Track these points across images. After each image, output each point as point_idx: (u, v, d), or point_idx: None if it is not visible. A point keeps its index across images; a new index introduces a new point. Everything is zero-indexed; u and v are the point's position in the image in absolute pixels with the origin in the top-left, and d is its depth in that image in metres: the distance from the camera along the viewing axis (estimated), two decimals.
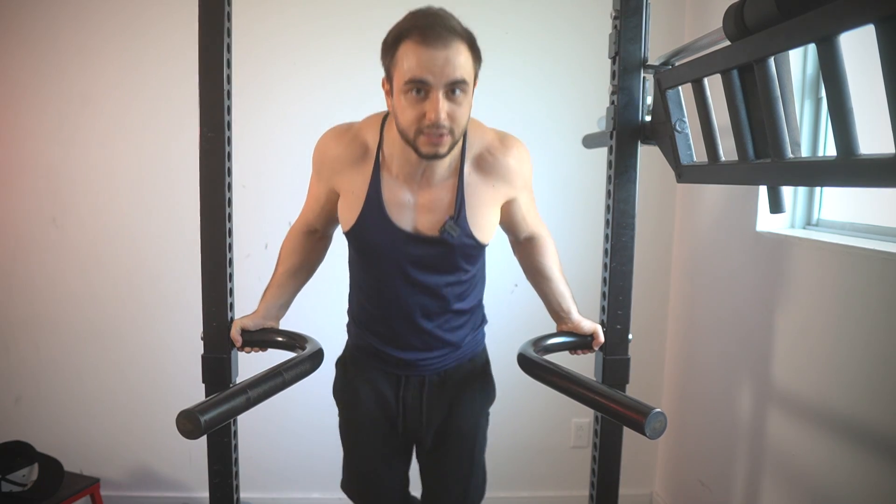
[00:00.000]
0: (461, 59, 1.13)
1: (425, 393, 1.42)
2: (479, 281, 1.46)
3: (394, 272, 1.34)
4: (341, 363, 1.52)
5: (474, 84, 1.21)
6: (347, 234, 1.35)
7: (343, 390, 1.50)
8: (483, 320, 1.52)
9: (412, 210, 1.30)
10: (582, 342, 1.54)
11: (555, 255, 1.51)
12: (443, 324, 1.39)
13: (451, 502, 1.51)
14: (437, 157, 1.19)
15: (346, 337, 1.54)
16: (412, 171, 1.28)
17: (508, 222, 1.43)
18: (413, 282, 1.34)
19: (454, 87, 1.14)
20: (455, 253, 1.32)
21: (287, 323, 1.54)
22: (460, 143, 1.26)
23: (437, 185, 1.29)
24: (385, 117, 1.32)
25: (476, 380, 1.48)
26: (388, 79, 1.20)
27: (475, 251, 1.36)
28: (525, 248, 1.51)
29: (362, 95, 2.39)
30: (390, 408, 1.43)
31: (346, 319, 1.53)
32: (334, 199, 1.38)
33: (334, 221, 1.44)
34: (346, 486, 1.55)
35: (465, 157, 1.30)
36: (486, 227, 1.34)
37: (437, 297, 1.36)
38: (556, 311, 1.54)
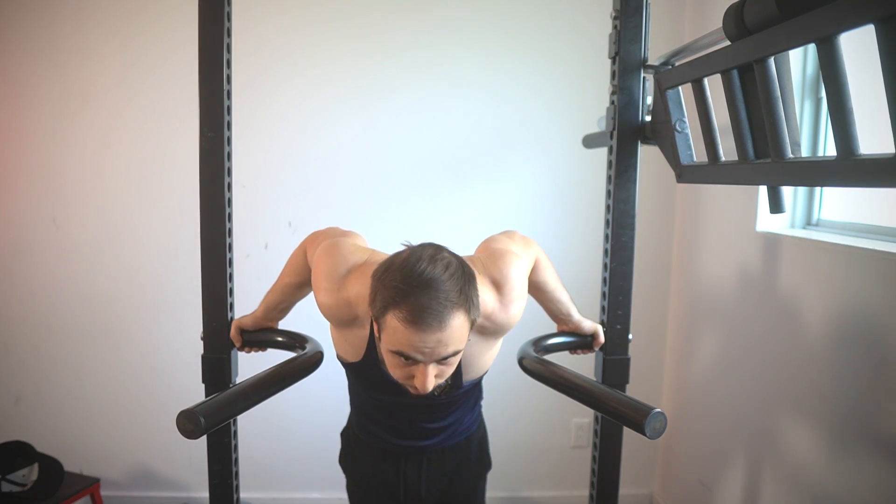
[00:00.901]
0: (456, 334, 1.01)
1: (424, 468, 1.44)
2: (478, 393, 1.47)
3: (390, 412, 1.36)
4: (345, 437, 1.53)
5: (469, 332, 1.07)
6: (341, 363, 1.33)
7: (348, 464, 1.52)
8: (480, 399, 1.51)
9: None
10: (582, 342, 1.54)
11: (549, 267, 1.47)
12: (442, 423, 1.40)
13: None
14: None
15: None
16: None
17: None
18: (410, 417, 1.36)
19: (445, 359, 1.04)
20: (456, 401, 1.33)
21: (287, 323, 1.54)
22: None
23: None
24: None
25: (472, 452, 1.49)
26: (377, 326, 1.06)
27: (475, 388, 1.38)
28: None
29: (362, 96, 2.40)
30: (392, 482, 1.44)
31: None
32: None
33: None
34: None
35: None
36: (484, 367, 1.31)
37: (437, 410, 1.36)
38: (555, 315, 1.54)
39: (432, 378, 1.04)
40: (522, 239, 1.40)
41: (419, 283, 0.98)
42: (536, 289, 1.48)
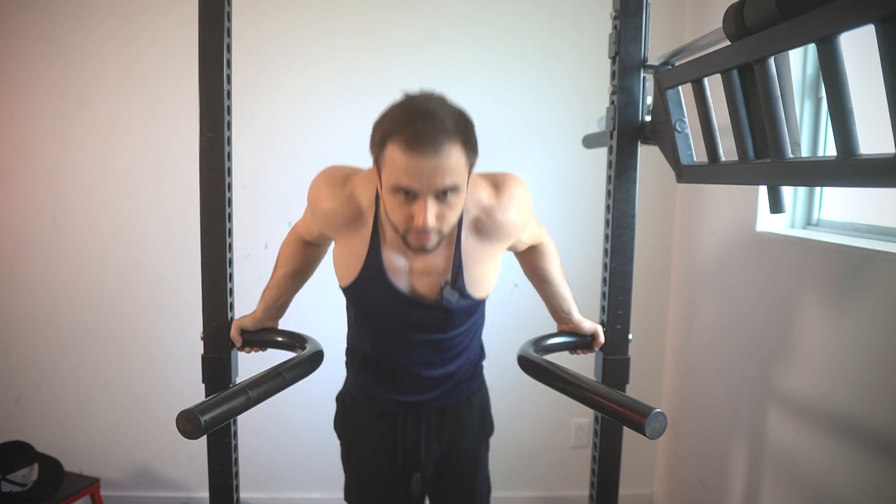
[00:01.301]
0: (452, 163, 1.03)
1: (423, 430, 1.42)
2: (478, 325, 1.44)
3: (393, 330, 1.33)
4: (341, 401, 1.52)
5: (469, 175, 1.12)
6: (345, 290, 1.32)
7: (343, 427, 1.51)
8: (481, 355, 1.51)
9: (407, 274, 1.26)
10: (582, 342, 1.54)
11: (556, 258, 1.50)
12: (441, 369, 1.38)
13: None
14: (424, 251, 1.13)
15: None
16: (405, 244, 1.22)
17: (511, 249, 1.41)
18: (413, 340, 1.33)
19: (445, 192, 1.06)
20: (455, 315, 1.30)
21: (287, 323, 1.54)
22: None
23: (433, 252, 1.19)
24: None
25: (474, 414, 1.48)
26: (377, 168, 1.12)
27: (475, 308, 1.35)
28: (527, 256, 1.50)
29: (362, 96, 2.39)
30: (390, 445, 1.43)
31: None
32: (327, 237, 1.35)
33: (328, 242, 1.44)
34: (348, 500, 1.56)
35: (462, 222, 1.22)
36: (485, 283, 1.30)
37: (439, 350, 1.36)
38: (556, 312, 1.54)
39: (433, 214, 1.05)
40: (537, 222, 1.43)
41: (416, 111, 1.04)
42: (542, 279, 1.49)
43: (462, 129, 1.06)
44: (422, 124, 1.02)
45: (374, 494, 1.49)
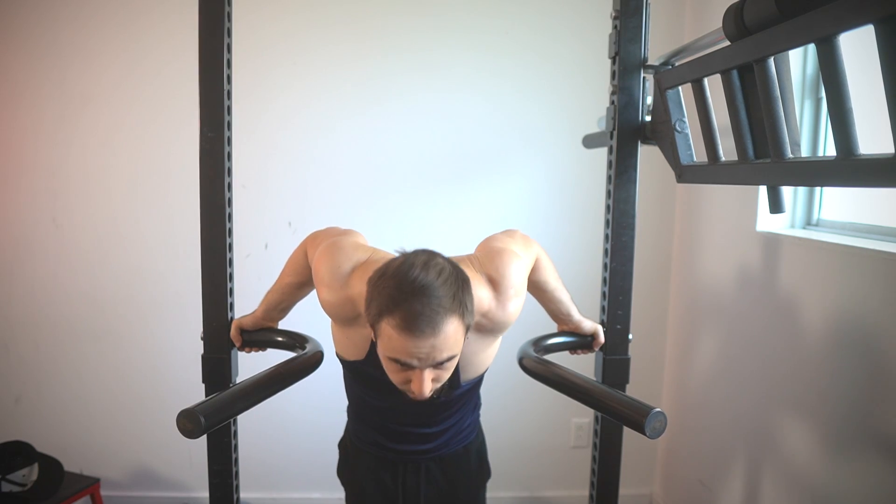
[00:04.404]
0: (450, 340, 1.01)
1: (422, 476, 1.43)
2: (477, 396, 1.47)
3: (388, 412, 1.35)
4: (343, 448, 1.53)
5: (465, 339, 1.08)
6: (342, 361, 1.33)
7: (345, 474, 1.51)
8: (478, 404, 1.51)
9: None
10: (582, 342, 1.54)
11: (550, 268, 1.46)
12: (439, 427, 1.39)
13: None
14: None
15: None
16: None
17: None
18: (409, 418, 1.35)
19: (441, 364, 1.05)
20: (454, 403, 1.33)
21: (287, 323, 1.54)
22: None
23: None
24: None
25: (472, 462, 1.48)
26: (373, 333, 1.07)
27: (475, 388, 1.38)
28: None
29: (361, 97, 2.40)
30: (390, 491, 1.44)
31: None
32: None
33: None
34: None
35: None
36: (483, 365, 1.31)
37: (432, 413, 1.36)
38: (556, 315, 1.53)
39: (429, 383, 1.04)
40: (523, 238, 1.40)
41: (412, 289, 0.98)
42: (537, 288, 1.47)
43: (459, 301, 1.02)
44: (419, 306, 0.97)
45: None
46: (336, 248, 1.24)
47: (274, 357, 1.38)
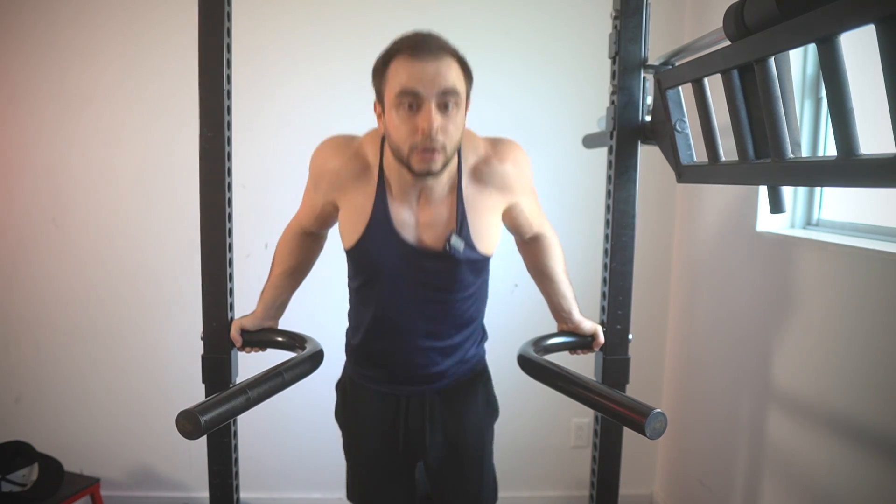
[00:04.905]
0: (452, 72, 1.13)
1: (427, 413, 1.41)
2: (482, 294, 1.44)
3: (400, 290, 1.32)
4: (341, 387, 1.51)
5: (467, 104, 1.20)
6: (350, 251, 1.32)
7: (344, 414, 1.50)
8: (483, 336, 1.51)
9: (414, 228, 1.28)
10: (582, 342, 1.54)
11: (560, 256, 1.50)
12: (446, 340, 1.38)
13: None
14: (430, 174, 1.17)
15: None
16: (409, 192, 1.26)
17: (513, 225, 1.42)
18: (419, 299, 1.33)
19: (446, 100, 1.13)
20: (461, 267, 1.30)
21: (287, 323, 1.54)
22: (456, 160, 1.26)
23: (437, 202, 1.27)
24: (383, 138, 1.30)
25: (478, 397, 1.46)
26: (380, 100, 1.20)
27: (481, 264, 1.35)
28: (530, 249, 1.50)
29: (362, 97, 2.39)
30: (392, 430, 1.42)
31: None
32: (331, 209, 1.36)
33: (329, 225, 1.44)
34: (351, 496, 1.54)
35: (462, 171, 1.28)
36: (489, 238, 1.32)
37: (444, 316, 1.35)
38: (557, 311, 1.54)
39: (437, 122, 1.12)
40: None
41: (417, 32, 1.16)
42: (545, 275, 1.49)
43: (459, 54, 1.17)
44: (422, 39, 1.14)
45: (377, 486, 1.47)
46: (331, 136, 1.36)
47: (274, 357, 1.37)
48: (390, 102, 1.15)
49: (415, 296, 1.32)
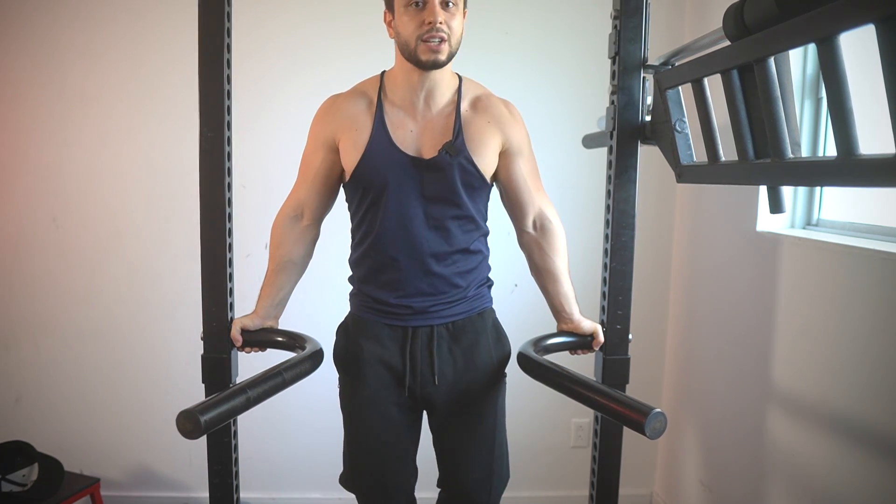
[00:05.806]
0: None
1: (435, 345, 1.38)
2: (482, 227, 1.45)
3: (400, 205, 1.36)
4: (342, 327, 1.50)
5: (464, 13, 1.32)
6: (353, 174, 1.37)
7: (345, 350, 1.45)
8: (489, 280, 1.51)
9: (415, 137, 1.36)
10: (582, 342, 1.54)
11: (565, 253, 1.50)
12: (450, 265, 1.39)
13: (475, 479, 1.45)
14: (437, 65, 1.28)
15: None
16: (414, 98, 1.36)
17: (510, 187, 1.44)
18: (419, 214, 1.36)
19: (447, 1, 1.26)
20: (456, 176, 1.35)
21: (287, 323, 1.54)
22: (456, 86, 1.38)
23: (437, 114, 1.37)
24: (383, 73, 1.43)
25: (489, 331, 1.45)
26: (390, 7, 1.33)
27: (476, 181, 1.38)
28: (535, 241, 1.49)
29: None
30: (397, 364, 1.38)
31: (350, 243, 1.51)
32: (332, 158, 1.41)
33: (325, 196, 1.45)
34: (348, 478, 1.51)
35: (462, 97, 1.39)
36: (484, 155, 1.38)
37: (444, 232, 1.37)
38: (558, 310, 1.53)
39: (441, 13, 1.25)
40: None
41: None
42: (549, 272, 1.49)
43: None
44: None
45: (377, 449, 1.41)
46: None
47: (274, 357, 1.37)
48: (399, 4, 1.27)
49: (417, 210, 1.36)
